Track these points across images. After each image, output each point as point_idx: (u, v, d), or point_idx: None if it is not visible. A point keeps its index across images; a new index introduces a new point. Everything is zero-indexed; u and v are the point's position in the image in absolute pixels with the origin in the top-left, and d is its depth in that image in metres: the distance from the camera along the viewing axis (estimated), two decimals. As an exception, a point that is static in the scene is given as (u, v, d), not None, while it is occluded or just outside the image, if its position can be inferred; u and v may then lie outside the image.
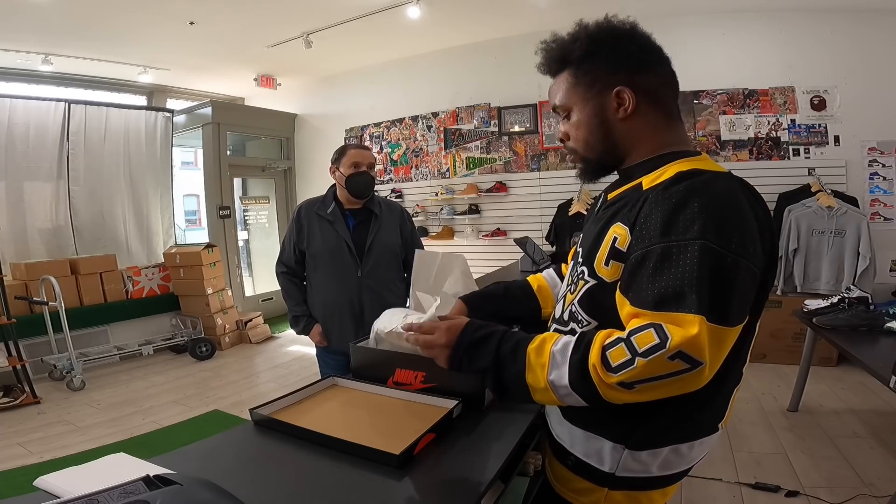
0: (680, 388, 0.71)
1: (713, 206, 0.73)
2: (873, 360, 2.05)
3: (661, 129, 0.88)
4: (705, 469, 2.32)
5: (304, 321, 2.08)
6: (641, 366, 0.69)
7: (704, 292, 0.69)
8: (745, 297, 0.73)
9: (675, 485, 0.91)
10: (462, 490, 0.83)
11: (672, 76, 0.89)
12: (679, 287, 0.70)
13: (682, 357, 0.68)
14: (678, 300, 0.70)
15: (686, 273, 0.70)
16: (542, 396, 0.79)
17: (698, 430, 0.86)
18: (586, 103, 0.89)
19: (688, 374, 0.69)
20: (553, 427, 0.99)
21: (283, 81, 6.07)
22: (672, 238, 0.72)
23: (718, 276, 0.70)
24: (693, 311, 0.68)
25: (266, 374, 4.26)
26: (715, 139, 4.29)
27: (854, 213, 3.74)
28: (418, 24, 4.35)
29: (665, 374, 0.69)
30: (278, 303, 5.72)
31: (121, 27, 4.14)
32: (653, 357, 0.68)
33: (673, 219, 0.73)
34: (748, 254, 0.72)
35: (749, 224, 0.74)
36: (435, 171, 5.42)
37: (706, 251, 0.70)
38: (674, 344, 0.67)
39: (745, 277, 0.72)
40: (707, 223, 0.71)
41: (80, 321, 4.28)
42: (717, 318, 0.69)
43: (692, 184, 0.77)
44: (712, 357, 0.69)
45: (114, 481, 0.64)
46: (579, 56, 0.88)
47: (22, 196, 4.57)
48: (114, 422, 3.20)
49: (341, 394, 1.22)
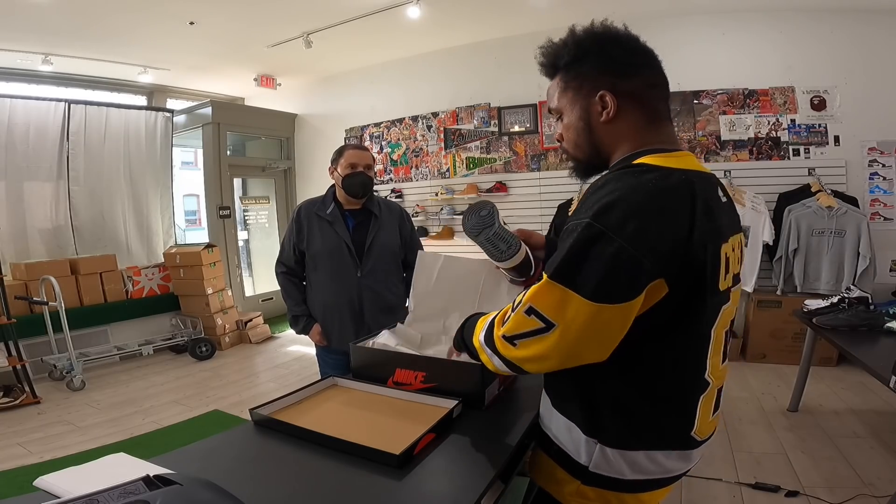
0: (549, 349, 0.76)
1: (619, 192, 0.76)
2: (873, 360, 2.05)
3: (644, 131, 0.89)
4: (705, 469, 2.32)
5: (304, 321, 2.08)
6: (511, 319, 0.80)
7: (564, 260, 0.76)
8: (616, 277, 0.73)
9: (652, 492, 0.91)
10: (462, 490, 0.83)
11: (660, 78, 0.90)
12: (557, 256, 0.78)
13: (534, 314, 0.76)
14: (550, 265, 0.78)
15: (566, 245, 0.77)
16: (483, 358, 0.91)
17: (671, 438, 0.88)
18: (574, 106, 0.92)
19: (545, 334, 0.76)
20: (542, 417, 1.01)
21: (283, 81, 6.07)
22: (578, 216, 0.79)
23: (585, 249, 0.75)
24: (547, 272, 0.77)
25: (266, 374, 4.26)
26: (715, 139, 4.28)
27: (854, 213, 3.74)
28: (418, 24, 4.35)
29: (527, 330, 0.78)
30: (278, 303, 5.72)
31: (121, 27, 4.14)
32: (517, 311, 0.79)
33: (585, 201, 0.80)
34: (633, 240, 0.73)
35: (648, 214, 0.75)
36: (435, 171, 5.42)
37: (587, 227, 0.75)
38: (526, 298, 0.77)
39: (616, 257, 0.73)
40: (603, 206, 0.76)
41: (80, 321, 4.28)
42: (566, 282, 0.74)
43: (621, 173, 0.82)
44: (567, 323, 0.74)
45: (114, 481, 0.64)
46: (567, 61, 0.91)
47: (22, 196, 4.57)
48: (114, 422, 3.20)
49: (341, 394, 1.22)
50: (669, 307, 0.79)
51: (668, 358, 0.84)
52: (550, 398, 0.98)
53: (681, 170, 0.82)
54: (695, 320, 0.83)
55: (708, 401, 0.89)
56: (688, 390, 0.88)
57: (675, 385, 0.86)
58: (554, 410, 0.96)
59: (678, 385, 0.87)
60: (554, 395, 0.97)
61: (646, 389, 0.85)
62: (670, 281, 0.77)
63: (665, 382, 0.85)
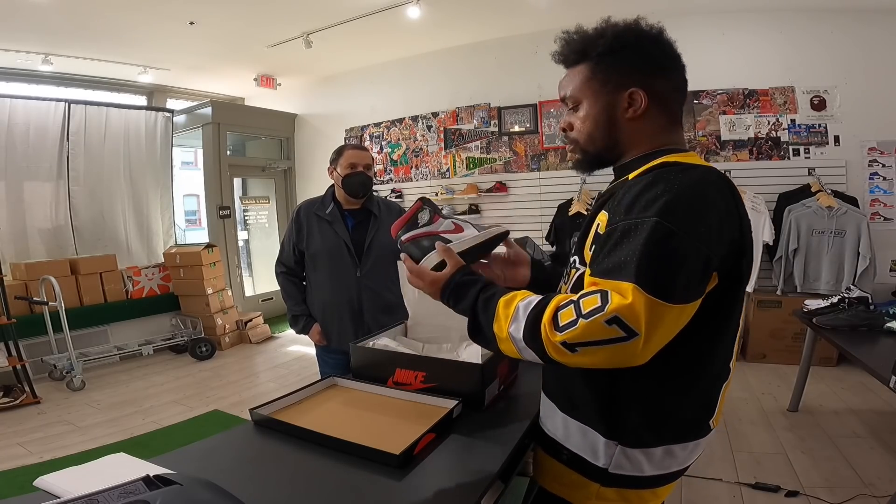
0: (617, 358, 0.72)
1: (676, 190, 0.75)
2: (873, 360, 2.05)
3: (663, 132, 0.90)
4: (705, 469, 2.32)
5: (304, 320, 2.09)
6: (582, 327, 0.72)
7: (644, 264, 0.71)
8: (691, 277, 0.73)
9: (667, 486, 0.92)
10: (462, 490, 0.83)
11: (683, 83, 0.92)
12: (627, 258, 0.73)
13: (618, 323, 0.70)
14: (623, 269, 0.73)
15: (635, 246, 0.73)
16: (504, 346, 0.83)
17: (689, 429, 0.88)
18: (598, 98, 0.90)
19: (623, 343, 0.71)
20: (545, 423, 1.00)
21: (283, 81, 6.07)
22: (633, 216, 0.76)
23: (662, 251, 0.72)
24: (630, 280, 0.71)
25: (266, 374, 4.26)
26: (715, 139, 4.28)
27: (854, 213, 3.74)
28: (418, 24, 4.35)
29: (602, 339, 0.71)
30: (278, 303, 5.72)
31: (121, 27, 4.14)
32: (592, 319, 0.71)
33: (637, 199, 0.77)
34: (700, 236, 0.73)
35: (710, 210, 0.76)
36: (435, 171, 5.42)
37: (657, 227, 0.72)
38: (611, 308, 0.70)
39: (693, 257, 0.73)
40: (665, 204, 0.74)
41: (80, 321, 4.28)
42: (652, 289, 0.70)
43: (664, 170, 0.81)
44: (649, 331, 0.70)
45: (114, 481, 0.64)
46: (601, 51, 0.89)
47: (22, 196, 4.57)
48: (114, 422, 3.20)
49: (341, 394, 1.22)
50: (712, 300, 0.79)
51: (702, 350, 0.84)
52: (557, 404, 0.96)
53: (712, 167, 0.84)
54: (732, 311, 0.85)
55: (726, 389, 0.92)
56: (714, 380, 0.89)
57: (705, 376, 0.87)
58: (561, 414, 0.94)
59: (708, 376, 0.87)
60: (562, 401, 0.95)
61: (677, 383, 0.85)
62: (721, 275, 0.78)
63: (697, 375, 0.86)
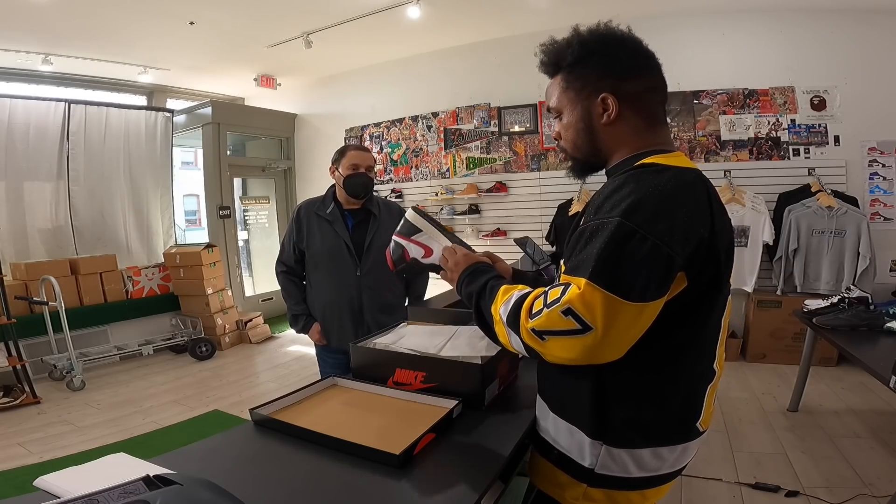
0: (581, 351, 0.75)
1: (643, 190, 0.77)
2: (873, 360, 2.05)
3: (643, 133, 0.90)
4: (705, 469, 2.32)
5: (304, 320, 2.09)
6: (545, 315, 0.77)
7: (602, 261, 0.74)
8: (651, 276, 0.74)
9: (656, 489, 0.92)
10: (462, 490, 0.83)
11: (660, 82, 0.92)
12: (588, 256, 0.76)
13: (572, 315, 0.74)
14: (583, 266, 0.76)
15: (598, 245, 0.76)
16: (498, 329, 0.87)
17: (675, 431, 0.89)
18: (575, 107, 0.92)
19: (580, 335, 0.74)
20: (539, 423, 1.01)
21: (283, 81, 6.06)
22: (600, 217, 0.78)
23: (623, 250, 0.74)
24: (586, 276, 0.75)
25: (266, 374, 4.26)
26: (715, 139, 4.28)
27: (854, 213, 3.74)
28: (418, 24, 4.35)
29: (561, 329, 0.75)
30: (278, 303, 5.72)
31: (121, 27, 4.14)
32: (552, 309, 0.76)
33: (607, 200, 0.80)
34: (662, 235, 0.74)
35: (676, 210, 0.77)
36: (435, 171, 5.42)
37: (619, 227, 0.75)
38: (565, 299, 0.75)
39: (653, 257, 0.74)
40: (629, 204, 0.76)
41: (80, 321, 4.28)
42: (608, 285, 0.73)
43: (637, 172, 0.82)
44: (606, 325, 0.72)
45: (114, 481, 0.64)
46: (571, 61, 0.91)
47: (22, 196, 4.57)
48: (114, 422, 3.20)
49: (341, 394, 1.22)
50: (687, 300, 0.80)
51: (681, 350, 0.85)
52: (548, 404, 0.98)
53: (690, 168, 0.85)
54: (710, 312, 0.86)
55: (712, 391, 0.92)
56: (697, 381, 0.89)
57: (687, 376, 0.88)
58: (552, 415, 0.96)
59: (690, 376, 0.88)
60: (552, 401, 0.97)
61: (657, 378, 0.85)
62: (691, 274, 0.79)
63: (678, 374, 0.86)
